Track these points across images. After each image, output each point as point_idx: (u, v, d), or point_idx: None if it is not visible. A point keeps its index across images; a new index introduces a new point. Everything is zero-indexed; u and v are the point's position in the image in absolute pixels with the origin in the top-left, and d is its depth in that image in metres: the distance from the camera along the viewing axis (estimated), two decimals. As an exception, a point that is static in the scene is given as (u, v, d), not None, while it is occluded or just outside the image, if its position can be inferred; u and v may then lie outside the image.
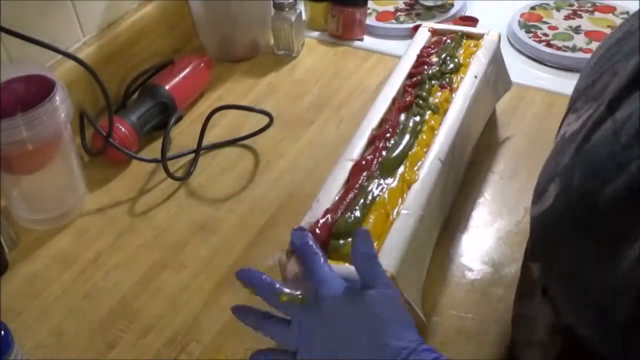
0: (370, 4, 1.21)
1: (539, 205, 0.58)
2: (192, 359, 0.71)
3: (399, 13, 1.23)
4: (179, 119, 1.01)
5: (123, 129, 0.93)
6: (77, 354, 0.72)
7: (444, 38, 0.94)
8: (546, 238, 0.57)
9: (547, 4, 1.21)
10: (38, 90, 0.80)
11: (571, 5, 1.20)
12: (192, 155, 0.95)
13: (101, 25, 1.04)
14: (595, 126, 0.53)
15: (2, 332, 0.64)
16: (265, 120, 0.97)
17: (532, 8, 1.20)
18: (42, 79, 0.82)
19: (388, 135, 0.77)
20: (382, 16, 1.22)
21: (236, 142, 0.98)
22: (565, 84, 1.03)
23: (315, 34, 1.21)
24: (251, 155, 0.97)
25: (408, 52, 0.92)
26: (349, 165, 0.75)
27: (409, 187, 0.72)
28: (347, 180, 0.73)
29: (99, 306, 0.77)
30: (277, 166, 0.94)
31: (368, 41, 1.18)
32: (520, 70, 1.06)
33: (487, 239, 0.81)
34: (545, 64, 1.09)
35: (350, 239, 0.66)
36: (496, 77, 0.92)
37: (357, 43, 1.18)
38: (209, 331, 0.73)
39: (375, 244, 0.66)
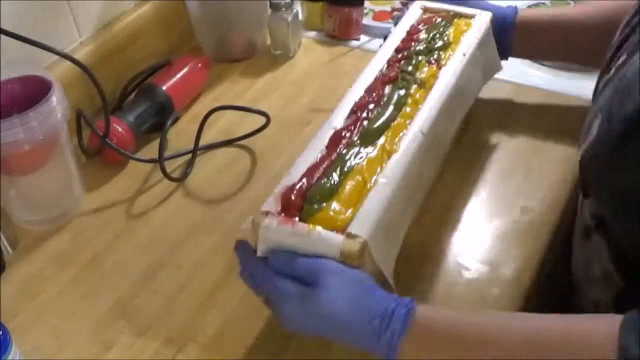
0: (366, 4, 1.21)
1: (585, 143, 0.64)
2: (190, 359, 0.71)
3: (395, 13, 1.23)
4: (176, 120, 1.01)
5: (120, 130, 0.93)
6: (75, 355, 0.72)
7: (436, 17, 0.94)
8: (594, 168, 0.63)
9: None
10: (35, 91, 0.80)
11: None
12: (189, 156, 0.95)
13: (97, 25, 1.04)
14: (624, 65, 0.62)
15: (1, 333, 0.64)
16: (262, 120, 0.97)
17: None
18: (38, 79, 0.82)
19: (371, 106, 0.77)
20: (378, 16, 1.22)
21: (233, 143, 0.98)
22: (562, 83, 1.04)
23: (312, 33, 1.21)
24: (248, 155, 0.97)
25: (398, 28, 0.92)
26: (331, 132, 0.75)
27: (388, 157, 0.72)
28: (327, 147, 0.74)
29: (97, 306, 0.77)
30: (274, 166, 0.94)
31: (365, 41, 1.18)
32: (517, 69, 1.06)
33: (484, 238, 0.81)
34: (542, 63, 1.09)
35: (325, 204, 0.66)
36: (486, 58, 0.92)
37: (353, 43, 1.18)
38: (206, 331, 0.73)
39: (350, 211, 0.66)
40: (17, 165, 0.81)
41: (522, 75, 1.06)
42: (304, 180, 0.68)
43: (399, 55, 0.86)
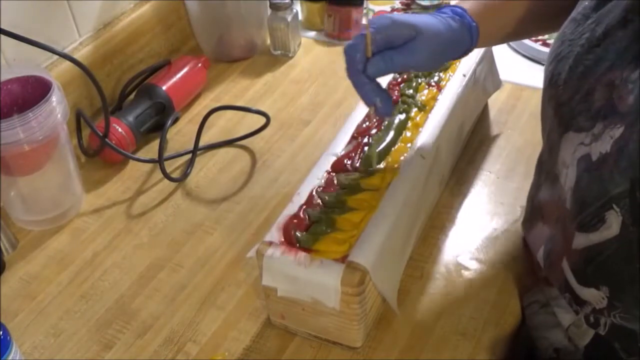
0: (366, 4, 1.21)
1: (596, 235, 0.57)
2: (189, 358, 0.71)
3: (395, 13, 1.23)
4: (176, 120, 1.01)
5: (120, 130, 0.93)
6: (75, 354, 0.72)
7: None
8: (612, 265, 0.57)
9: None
10: (34, 91, 0.80)
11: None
12: (189, 156, 0.95)
13: (97, 25, 1.04)
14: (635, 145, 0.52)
15: (1, 333, 0.64)
16: (262, 120, 0.97)
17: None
18: (38, 79, 0.82)
19: (373, 131, 0.78)
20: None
21: (233, 143, 0.98)
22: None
23: (312, 33, 1.21)
24: (248, 155, 0.97)
25: None
26: (332, 159, 0.75)
27: (389, 183, 0.72)
28: (329, 174, 0.74)
29: (96, 306, 0.77)
30: (273, 166, 0.94)
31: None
32: (516, 69, 1.06)
33: (484, 238, 0.81)
34: (541, 64, 1.09)
35: (326, 233, 0.66)
36: (485, 76, 0.92)
37: (353, 43, 1.18)
38: (206, 331, 0.73)
39: (352, 237, 0.66)
40: (17, 165, 0.81)
41: (522, 75, 1.06)
42: (306, 208, 0.69)
43: (399, 79, 0.86)
